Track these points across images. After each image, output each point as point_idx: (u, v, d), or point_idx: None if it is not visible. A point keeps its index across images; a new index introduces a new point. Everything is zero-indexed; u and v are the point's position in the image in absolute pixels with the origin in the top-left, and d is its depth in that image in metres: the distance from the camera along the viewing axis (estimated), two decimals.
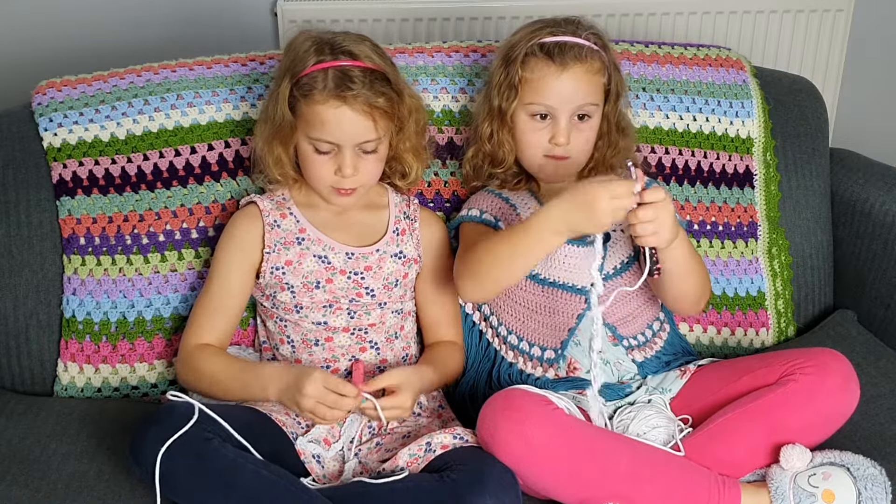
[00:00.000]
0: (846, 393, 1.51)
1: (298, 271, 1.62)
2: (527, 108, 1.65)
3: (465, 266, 1.60)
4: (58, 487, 1.45)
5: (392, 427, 1.59)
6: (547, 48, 1.63)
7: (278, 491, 1.36)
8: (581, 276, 1.67)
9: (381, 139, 1.60)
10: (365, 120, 1.57)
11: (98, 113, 1.74)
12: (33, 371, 1.70)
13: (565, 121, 1.64)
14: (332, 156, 1.59)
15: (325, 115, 1.56)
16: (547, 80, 1.62)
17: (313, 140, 1.59)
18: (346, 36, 1.62)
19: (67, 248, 1.70)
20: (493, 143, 1.70)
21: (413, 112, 1.65)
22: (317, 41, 1.60)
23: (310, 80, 1.56)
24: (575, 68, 1.62)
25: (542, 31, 1.65)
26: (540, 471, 1.44)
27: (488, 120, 1.69)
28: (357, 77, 1.56)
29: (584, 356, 1.64)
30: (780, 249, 1.93)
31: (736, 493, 1.46)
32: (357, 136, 1.58)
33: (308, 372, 1.50)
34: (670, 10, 2.44)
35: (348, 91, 1.55)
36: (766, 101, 1.96)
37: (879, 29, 2.64)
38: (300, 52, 1.59)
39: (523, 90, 1.64)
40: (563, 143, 1.64)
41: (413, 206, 1.74)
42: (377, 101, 1.56)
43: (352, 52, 1.58)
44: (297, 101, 1.58)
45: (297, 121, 1.59)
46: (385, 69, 1.60)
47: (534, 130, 1.66)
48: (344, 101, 1.55)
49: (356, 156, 1.59)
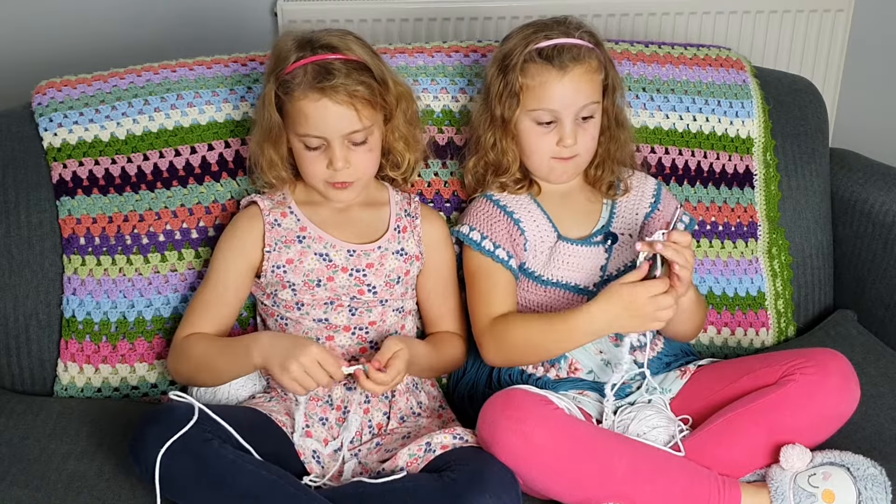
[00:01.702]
0: (846, 393, 1.51)
1: (299, 269, 1.63)
2: (531, 114, 1.64)
3: (494, 342, 1.63)
4: (58, 487, 1.45)
5: (392, 427, 1.59)
6: (545, 53, 1.62)
7: (278, 491, 1.36)
8: (583, 276, 1.68)
9: (368, 129, 1.60)
10: (347, 110, 1.56)
11: (98, 113, 1.74)
12: (33, 371, 1.70)
13: (570, 123, 1.63)
14: (323, 151, 1.60)
15: (307, 110, 1.56)
16: (549, 86, 1.62)
17: (301, 137, 1.59)
18: (328, 31, 1.62)
19: (67, 248, 1.70)
20: (496, 151, 1.69)
21: (401, 100, 1.64)
22: (298, 39, 1.60)
23: (291, 77, 1.57)
24: (575, 70, 1.62)
25: (537, 36, 1.64)
26: (540, 470, 1.44)
27: (491, 130, 1.68)
28: (335, 69, 1.56)
29: (585, 357, 1.64)
30: (780, 249, 1.93)
31: (736, 493, 1.47)
32: (342, 128, 1.58)
33: (303, 342, 1.50)
34: (670, 10, 2.44)
35: (326, 82, 1.55)
36: (766, 101, 1.96)
37: (879, 29, 2.64)
38: (282, 52, 1.60)
39: (525, 97, 1.63)
40: (570, 144, 1.64)
41: (414, 203, 1.74)
42: (357, 89, 1.56)
43: (331, 44, 1.59)
44: (282, 101, 1.59)
45: (285, 120, 1.60)
46: (365, 59, 1.60)
47: (539, 136, 1.65)
48: (323, 92, 1.55)
49: (346, 148, 1.59)
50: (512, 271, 1.66)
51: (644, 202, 1.74)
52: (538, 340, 1.59)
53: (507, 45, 1.67)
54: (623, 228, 1.71)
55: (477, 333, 1.66)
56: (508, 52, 1.66)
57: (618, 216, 1.72)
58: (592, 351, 1.64)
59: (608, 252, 1.68)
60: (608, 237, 1.69)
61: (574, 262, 1.67)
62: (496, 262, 1.66)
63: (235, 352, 1.57)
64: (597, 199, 1.73)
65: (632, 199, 1.74)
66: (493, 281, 1.66)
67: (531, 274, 1.68)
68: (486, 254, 1.66)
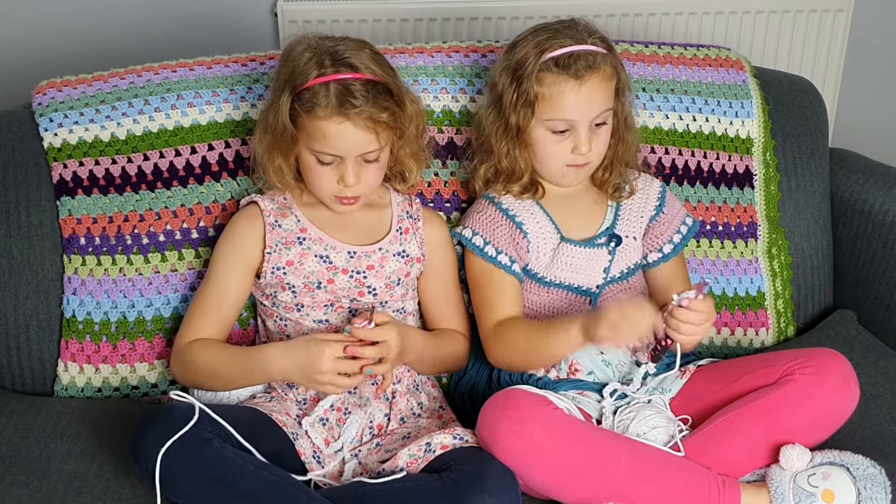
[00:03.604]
0: (846, 393, 1.51)
1: (300, 271, 1.62)
2: (545, 123, 1.63)
3: (499, 347, 1.64)
4: (58, 487, 1.45)
5: (392, 428, 1.59)
6: (560, 62, 1.60)
7: (278, 491, 1.37)
8: (584, 277, 1.68)
9: (382, 149, 1.60)
10: (368, 134, 1.56)
11: (98, 113, 1.74)
12: (33, 371, 1.71)
13: (585, 131, 1.62)
14: (335, 166, 1.59)
15: (327, 131, 1.55)
16: (565, 95, 1.60)
17: (315, 152, 1.58)
18: (346, 44, 1.60)
19: (68, 248, 1.70)
20: (510, 159, 1.68)
21: (413, 118, 1.64)
22: (316, 51, 1.58)
23: (311, 94, 1.55)
24: (591, 79, 1.60)
25: (550, 43, 1.61)
26: (540, 471, 1.44)
27: (505, 138, 1.66)
28: (359, 92, 1.54)
29: (585, 357, 1.64)
30: (779, 249, 1.93)
31: (736, 493, 1.47)
32: (359, 149, 1.57)
33: (316, 349, 1.51)
34: (670, 10, 2.44)
35: (352, 108, 1.53)
36: (766, 101, 1.96)
37: (879, 29, 2.64)
38: (300, 63, 1.57)
39: (540, 107, 1.62)
40: (585, 152, 1.63)
41: (415, 205, 1.73)
42: (380, 116, 1.56)
43: (352, 63, 1.56)
44: (297, 114, 1.57)
45: (299, 133, 1.58)
46: (386, 79, 1.59)
47: (554, 144, 1.64)
48: (347, 117, 1.54)
49: (358, 165, 1.59)
50: (515, 276, 1.66)
51: (649, 205, 1.74)
52: (535, 348, 1.61)
53: (520, 53, 1.64)
54: (627, 231, 1.71)
55: (483, 337, 1.67)
56: (521, 59, 1.63)
57: (622, 218, 1.72)
58: (593, 351, 1.64)
59: (612, 254, 1.68)
60: (612, 239, 1.69)
61: (577, 264, 1.67)
62: (498, 267, 1.66)
63: (249, 367, 1.57)
64: (602, 201, 1.73)
65: (636, 202, 1.74)
66: (497, 286, 1.67)
67: (534, 275, 1.68)
68: (489, 260, 1.66)
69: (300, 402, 1.59)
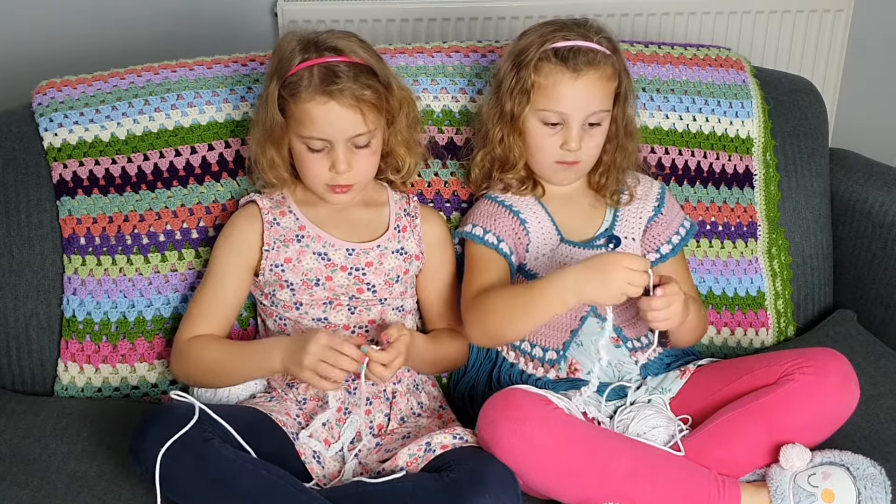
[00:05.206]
0: (846, 393, 1.51)
1: (298, 269, 1.63)
2: (539, 114, 1.64)
3: (475, 314, 1.61)
4: (58, 487, 1.45)
5: (392, 428, 1.59)
6: (561, 53, 1.61)
7: (278, 491, 1.37)
8: None
9: (372, 132, 1.60)
10: (353, 113, 1.57)
11: (98, 113, 1.74)
12: (33, 371, 1.71)
13: (577, 127, 1.63)
14: (326, 153, 1.60)
15: (313, 112, 1.56)
16: (560, 87, 1.61)
17: (305, 139, 1.59)
18: (332, 33, 1.62)
19: (68, 248, 1.70)
20: (503, 147, 1.69)
21: (403, 104, 1.65)
22: (302, 40, 1.60)
23: (296, 78, 1.57)
24: (589, 74, 1.61)
25: (555, 35, 1.63)
26: (540, 471, 1.44)
27: (500, 124, 1.68)
28: (342, 71, 1.56)
29: (586, 357, 1.64)
30: (779, 249, 1.93)
31: (736, 493, 1.47)
32: (347, 131, 1.58)
33: (312, 333, 1.50)
34: (670, 10, 2.44)
35: (334, 85, 1.55)
36: (766, 101, 1.96)
37: (879, 29, 2.65)
38: (286, 52, 1.60)
39: (536, 95, 1.63)
40: (574, 148, 1.63)
41: (413, 203, 1.74)
42: (364, 93, 1.57)
43: (336, 47, 1.59)
44: (286, 102, 1.58)
45: (288, 121, 1.59)
46: (371, 62, 1.60)
47: (545, 136, 1.65)
48: (331, 95, 1.55)
49: (349, 151, 1.59)
50: (510, 265, 1.66)
51: (648, 206, 1.74)
52: (509, 306, 1.58)
53: (524, 42, 1.66)
54: (626, 232, 1.71)
55: (462, 312, 1.65)
56: (524, 48, 1.65)
57: (621, 219, 1.72)
58: (593, 351, 1.64)
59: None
60: (611, 240, 1.69)
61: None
62: (499, 253, 1.66)
63: (247, 353, 1.58)
64: (600, 203, 1.74)
65: (635, 203, 1.74)
66: (489, 267, 1.66)
67: (532, 275, 1.68)
68: (490, 246, 1.67)
69: (300, 402, 1.59)
